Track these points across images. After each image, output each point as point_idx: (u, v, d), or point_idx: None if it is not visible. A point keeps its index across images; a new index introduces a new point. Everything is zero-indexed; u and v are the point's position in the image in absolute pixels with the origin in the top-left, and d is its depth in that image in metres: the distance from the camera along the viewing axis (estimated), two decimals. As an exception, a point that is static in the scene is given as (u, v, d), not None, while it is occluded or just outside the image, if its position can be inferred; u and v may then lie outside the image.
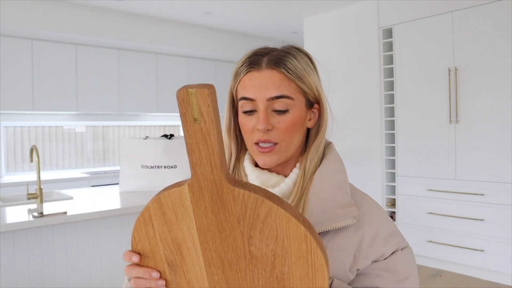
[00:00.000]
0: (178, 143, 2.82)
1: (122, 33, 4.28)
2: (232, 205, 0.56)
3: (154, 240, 0.63)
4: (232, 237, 0.58)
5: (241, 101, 0.76)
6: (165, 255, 0.63)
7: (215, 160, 0.55)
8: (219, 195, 0.56)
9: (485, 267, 3.21)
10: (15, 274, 1.99)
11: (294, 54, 0.76)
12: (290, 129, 0.74)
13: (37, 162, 2.18)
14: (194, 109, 0.53)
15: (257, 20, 4.68)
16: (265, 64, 0.74)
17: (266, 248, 0.57)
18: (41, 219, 1.99)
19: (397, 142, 3.74)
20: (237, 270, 0.60)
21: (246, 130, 0.76)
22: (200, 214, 0.58)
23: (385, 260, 0.73)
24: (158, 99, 4.89)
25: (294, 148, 0.77)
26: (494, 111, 3.13)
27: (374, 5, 3.86)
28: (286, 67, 0.73)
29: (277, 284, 0.58)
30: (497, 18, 3.08)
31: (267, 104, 0.73)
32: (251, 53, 0.77)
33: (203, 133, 0.54)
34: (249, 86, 0.74)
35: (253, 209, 0.56)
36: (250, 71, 0.75)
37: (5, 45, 3.82)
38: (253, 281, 0.59)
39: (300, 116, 0.76)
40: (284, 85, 0.73)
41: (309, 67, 0.76)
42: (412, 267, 0.75)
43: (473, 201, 3.26)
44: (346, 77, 4.12)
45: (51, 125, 4.49)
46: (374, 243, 0.72)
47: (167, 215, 0.60)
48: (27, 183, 2.35)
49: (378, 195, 3.86)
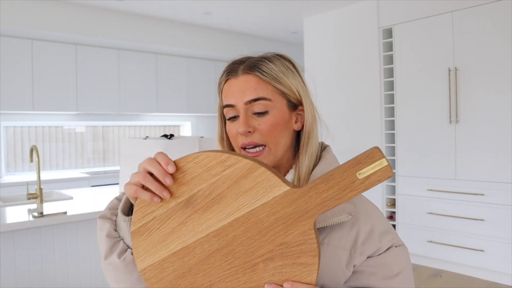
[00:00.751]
0: (178, 143, 2.82)
1: (122, 33, 4.28)
2: (296, 234, 0.58)
3: (207, 175, 0.60)
4: (260, 244, 0.59)
5: (224, 109, 0.79)
6: (197, 192, 0.61)
7: (330, 203, 0.57)
8: (298, 217, 0.57)
9: (485, 267, 3.21)
10: (15, 274, 1.99)
11: (270, 58, 0.78)
12: (273, 130, 0.75)
13: (37, 162, 2.18)
14: (367, 169, 0.55)
15: (257, 20, 4.68)
16: (240, 70, 0.77)
17: (269, 276, 0.59)
18: (41, 219, 1.99)
19: (397, 142, 3.74)
20: (226, 260, 0.60)
21: (231, 136, 0.79)
22: (264, 210, 0.58)
23: (379, 256, 0.74)
24: (158, 99, 4.90)
25: (282, 150, 0.78)
26: (494, 111, 3.13)
27: (374, 5, 3.87)
28: (260, 70, 0.76)
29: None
30: (497, 18, 3.08)
31: (245, 108, 0.75)
32: (229, 63, 0.80)
33: (353, 184, 0.56)
34: (229, 93, 0.77)
35: (301, 251, 0.58)
36: (228, 79, 0.78)
37: (5, 45, 3.82)
38: (226, 276, 0.61)
39: (282, 118, 0.77)
40: (260, 88, 0.75)
41: (287, 70, 0.78)
42: (405, 264, 0.75)
43: (473, 201, 3.26)
44: (346, 77, 4.12)
45: (51, 125, 4.49)
46: (369, 238, 0.73)
47: (243, 181, 0.59)
48: (27, 183, 2.35)
49: (378, 195, 3.86)
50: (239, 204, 0.59)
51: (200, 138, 2.96)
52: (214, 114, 5.49)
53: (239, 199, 0.59)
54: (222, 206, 0.60)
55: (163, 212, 0.63)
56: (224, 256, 0.61)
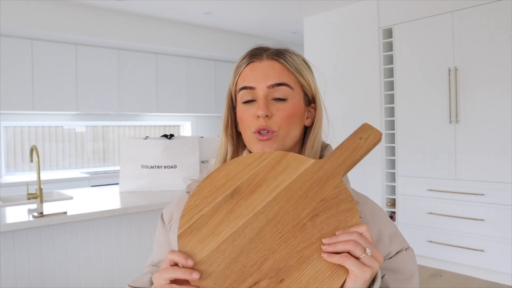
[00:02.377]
0: (178, 143, 2.82)
1: (122, 33, 4.28)
2: (330, 189, 0.66)
3: (248, 169, 0.69)
4: (303, 206, 0.65)
5: (241, 91, 0.78)
6: (241, 184, 0.68)
7: (348, 161, 0.69)
8: (328, 176, 0.68)
9: (485, 267, 3.21)
10: (15, 274, 1.99)
11: (292, 51, 0.80)
12: (289, 118, 0.76)
13: (37, 162, 2.18)
14: (367, 134, 0.71)
15: (257, 20, 4.68)
16: (266, 55, 0.78)
17: (318, 231, 0.63)
18: (41, 219, 1.99)
19: (397, 142, 3.73)
20: (276, 230, 0.64)
21: (245, 121, 0.77)
22: (300, 180, 0.67)
23: (390, 260, 0.73)
24: (158, 99, 4.90)
25: (291, 140, 0.78)
26: (494, 111, 3.13)
27: (374, 5, 3.87)
28: (286, 59, 0.77)
29: (293, 261, 0.62)
30: (497, 18, 3.08)
31: (267, 92, 0.75)
32: (252, 49, 0.80)
33: (358, 145, 0.71)
34: (250, 76, 0.77)
35: (339, 200, 0.65)
36: (252, 62, 0.78)
37: (5, 45, 3.83)
38: (279, 245, 0.63)
39: (299, 108, 0.78)
40: (284, 74, 0.77)
41: (306, 66, 0.80)
42: (415, 267, 0.75)
43: (473, 201, 3.26)
44: (346, 77, 4.12)
45: (51, 125, 4.49)
46: (380, 241, 0.73)
47: (277, 166, 0.69)
48: (27, 183, 2.35)
49: (378, 195, 3.86)
50: (278, 182, 0.67)
51: (200, 138, 2.96)
52: (214, 114, 5.49)
53: (277, 178, 0.67)
54: (264, 187, 0.67)
55: (211, 208, 0.66)
56: (273, 227, 0.64)
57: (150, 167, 2.74)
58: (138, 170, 2.74)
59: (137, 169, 2.74)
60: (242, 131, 0.80)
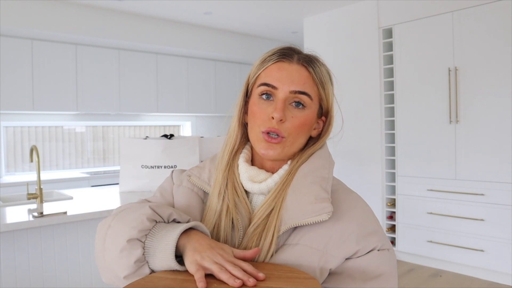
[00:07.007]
0: (178, 143, 2.82)
1: (122, 33, 4.28)
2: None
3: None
4: None
5: (261, 86, 0.77)
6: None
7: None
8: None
9: (485, 267, 3.21)
10: (15, 274, 1.99)
11: (322, 62, 0.81)
12: (300, 127, 0.76)
13: (37, 162, 2.18)
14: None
15: (257, 20, 4.68)
16: (296, 59, 0.78)
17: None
18: (41, 219, 1.99)
19: (397, 142, 3.73)
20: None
21: (258, 117, 0.77)
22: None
23: (357, 258, 0.71)
24: (158, 99, 4.89)
25: (295, 148, 0.78)
26: (494, 111, 3.13)
27: (374, 5, 3.86)
28: (314, 69, 0.78)
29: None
30: (497, 18, 3.08)
31: (288, 96, 0.76)
32: (284, 47, 0.80)
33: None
34: (276, 75, 0.76)
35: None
36: (281, 61, 0.77)
37: (5, 45, 3.82)
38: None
39: (311, 119, 0.78)
40: (308, 84, 0.77)
41: (330, 80, 0.81)
42: (386, 268, 0.72)
43: (473, 201, 3.26)
44: (346, 77, 4.12)
45: (51, 125, 4.49)
46: (347, 240, 0.71)
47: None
48: (27, 183, 2.35)
49: (378, 195, 3.86)
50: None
51: (200, 138, 2.96)
52: (214, 114, 5.49)
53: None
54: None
55: None
56: None
57: (150, 167, 2.74)
58: (138, 170, 2.74)
59: (137, 169, 2.74)
60: (250, 125, 0.79)
